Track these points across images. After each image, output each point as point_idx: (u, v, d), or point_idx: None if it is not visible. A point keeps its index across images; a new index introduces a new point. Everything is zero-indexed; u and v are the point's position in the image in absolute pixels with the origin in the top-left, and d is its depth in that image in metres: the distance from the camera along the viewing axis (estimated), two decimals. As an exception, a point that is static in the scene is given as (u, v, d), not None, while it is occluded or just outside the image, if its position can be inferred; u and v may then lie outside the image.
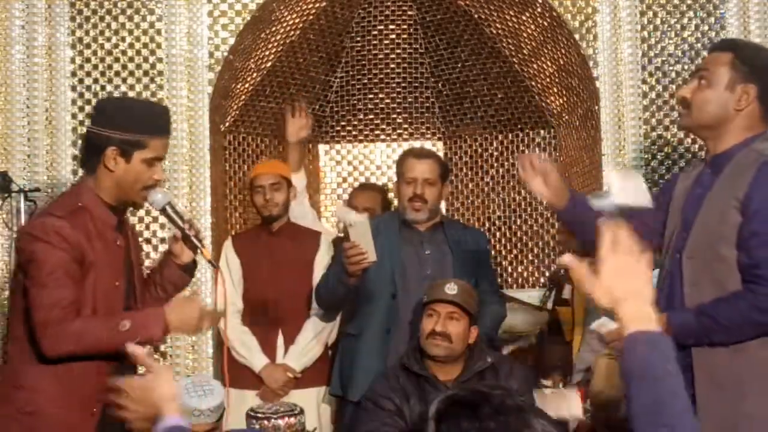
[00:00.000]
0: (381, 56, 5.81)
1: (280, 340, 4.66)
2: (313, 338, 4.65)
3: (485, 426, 1.45)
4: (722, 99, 2.91)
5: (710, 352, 2.87)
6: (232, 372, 4.56)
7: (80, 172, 4.80)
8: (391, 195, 5.53)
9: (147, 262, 4.12)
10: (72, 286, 3.00)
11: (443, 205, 5.77)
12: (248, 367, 4.58)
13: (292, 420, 4.04)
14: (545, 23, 5.07)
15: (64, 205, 3.09)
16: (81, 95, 4.86)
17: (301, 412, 4.09)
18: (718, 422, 2.83)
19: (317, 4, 5.32)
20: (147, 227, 4.83)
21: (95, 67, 4.88)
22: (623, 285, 1.74)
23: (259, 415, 3.98)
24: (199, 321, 3.11)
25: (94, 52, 4.88)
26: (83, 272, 3.03)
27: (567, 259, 1.82)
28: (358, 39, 5.77)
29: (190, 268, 3.33)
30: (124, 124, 3.07)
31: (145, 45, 4.89)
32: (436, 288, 3.97)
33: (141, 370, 2.57)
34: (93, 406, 3.06)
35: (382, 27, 5.75)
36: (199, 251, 3.22)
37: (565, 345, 4.66)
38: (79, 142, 4.76)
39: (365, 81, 5.86)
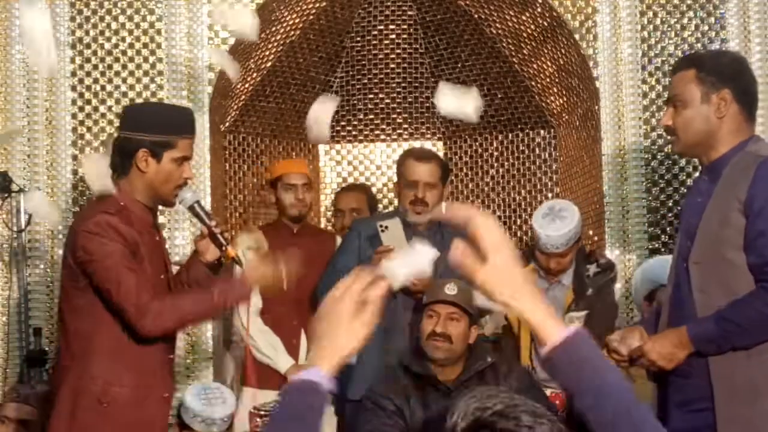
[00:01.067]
0: (381, 56, 5.81)
1: (303, 341, 4.65)
2: None
3: None
4: (702, 113, 2.93)
5: (727, 358, 2.87)
6: (255, 372, 4.55)
7: (80, 172, 4.82)
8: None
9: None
10: (140, 269, 3.15)
11: (443, 205, 5.78)
12: (271, 368, 4.57)
13: None
14: (545, 23, 5.07)
15: (109, 204, 3.20)
16: (81, 95, 4.86)
17: None
18: (737, 425, 2.83)
19: (317, 4, 5.32)
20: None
21: (95, 67, 4.88)
22: (518, 282, 1.67)
23: (262, 412, 3.98)
24: (277, 276, 3.30)
25: (94, 52, 4.89)
26: (138, 263, 3.17)
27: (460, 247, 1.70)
28: (358, 39, 5.77)
29: (215, 267, 3.42)
30: (153, 127, 3.22)
31: (145, 45, 4.89)
32: (435, 289, 3.97)
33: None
34: (164, 391, 3.24)
35: (382, 27, 5.75)
36: (223, 249, 3.33)
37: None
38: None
39: (365, 81, 5.86)
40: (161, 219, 4.66)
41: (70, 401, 3.14)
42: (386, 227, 4.10)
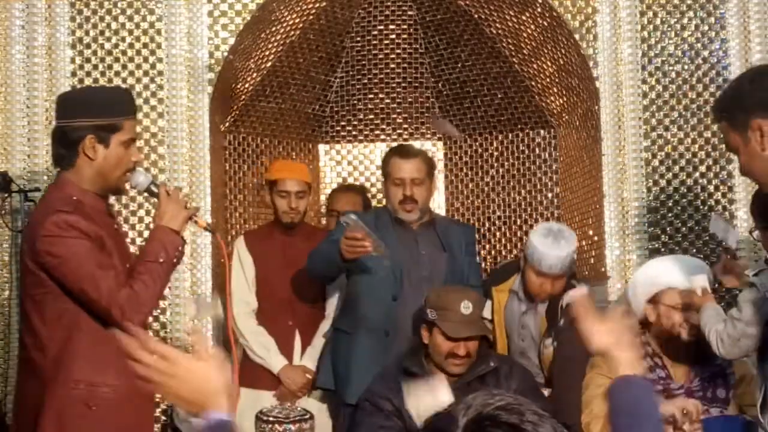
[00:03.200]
0: (381, 56, 5.81)
1: (297, 341, 4.64)
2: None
3: None
4: (753, 154, 2.75)
5: None
6: (248, 372, 4.55)
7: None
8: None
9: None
10: (111, 265, 3.05)
11: (444, 205, 5.78)
12: (265, 368, 4.56)
13: (304, 426, 3.97)
14: (545, 23, 5.07)
15: (62, 201, 3.07)
16: (81, 95, 4.86)
17: (311, 417, 4.02)
18: None
19: (317, 4, 5.32)
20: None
21: (95, 67, 4.88)
22: (621, 336, 2.08)
23: (270, 418, 3.93)
24: (184, 208, 3.16)
25: (94, 52, 4.88)
26: (107, 258, 3.07)
27: (579, 293, 2.06)
28: (358, 39, 5.77)
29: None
30: (97, 111, 3.09)
31: (145, 45, 4.89)
32: (448, 306, 3.84)
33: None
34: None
35: (382, 27, 5.75)
36: (193, 221, 3.21)
37: None
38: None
39: (365, 81, 5.86)
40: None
41: (56, 411, 3.03)
42: (347, 223, 4.06)
